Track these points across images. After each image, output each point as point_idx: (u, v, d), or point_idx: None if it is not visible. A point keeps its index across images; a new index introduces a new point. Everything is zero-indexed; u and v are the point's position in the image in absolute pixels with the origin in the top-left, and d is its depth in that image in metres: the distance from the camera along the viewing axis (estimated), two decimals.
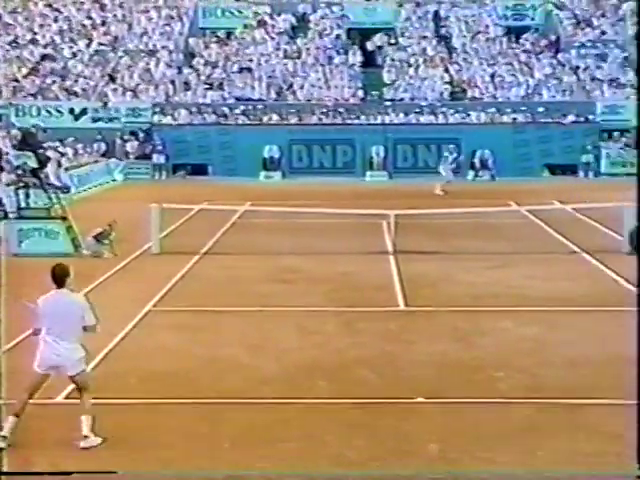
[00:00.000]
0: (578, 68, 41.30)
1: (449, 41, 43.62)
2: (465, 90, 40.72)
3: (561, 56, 42.02)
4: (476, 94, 40.47)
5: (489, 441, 9.31)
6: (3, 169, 25.85)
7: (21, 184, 21.17)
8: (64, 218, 20.27)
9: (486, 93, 40.47)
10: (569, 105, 38.81)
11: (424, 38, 43.55)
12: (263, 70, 41.68)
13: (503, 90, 40.50)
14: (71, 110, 39.00)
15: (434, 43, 43.30)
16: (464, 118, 38.98)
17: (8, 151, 27.54)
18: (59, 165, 31.78)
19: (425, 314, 14.81)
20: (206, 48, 43.39)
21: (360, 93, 40.86)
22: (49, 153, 29.49)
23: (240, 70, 41.76)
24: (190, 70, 41.88)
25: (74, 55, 42.50)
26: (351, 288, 16.64)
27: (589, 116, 38.51)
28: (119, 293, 16.13)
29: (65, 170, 32.17)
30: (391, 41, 43.49)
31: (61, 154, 34.18)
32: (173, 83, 41.06)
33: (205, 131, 38.26)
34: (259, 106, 39.71)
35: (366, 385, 11.14)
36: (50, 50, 42.75)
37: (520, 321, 14.22)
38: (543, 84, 40.48)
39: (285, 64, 42.08)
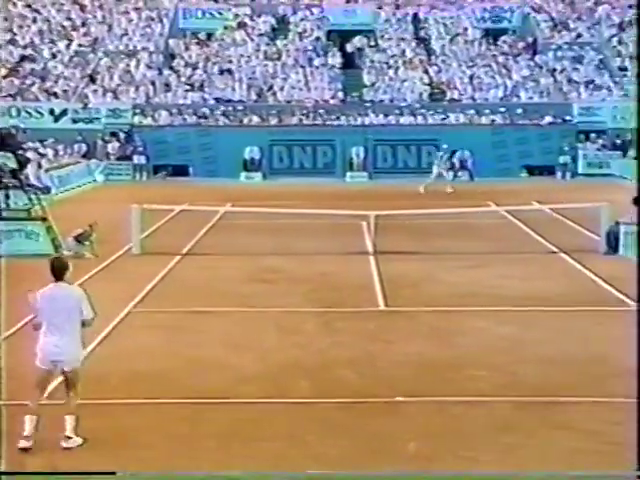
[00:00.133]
0: (555, 70, 41.58)
1: (428, 43, 43.74)
2: (444, 92, 40.88)
3: (538, 58, 42.26)
4: (455, 95, 40.66)
5: (470, 440, 9.39)
6: None
7: (1, 185, 21.09)
8: (44, 219, 20.24)
9: (465, 95, 40.66)
10: (546, 107, 39.03)
11: (403, 40, 43.71)
12: (243, 71, 41.69)
13: (481, 92, 40.71)
14: (51, 111, 38.86)
15: (413, 45, 43.46)
16: (443, 119, 39.15)
17: None
18: (39, 166, 31.69)
19: (405, 314, 14.90)
20: (186, 49, 43.36)
21: (340, 94, 40.95)
22: (29, 154, 29.43)
23: (220, 71, 41.77)
24: (170, 71, 41.83)
25: (54, 56, 42.35)
26: (332, 288, 16.71)
27: (566, 117, 38.77)
28: (100, 294, 15.91)
29: (45, 171, 32.05)
30: (371, 43, 43.58)
31: (41, 155, 34.07)
32: (153, 84, 41.00)
33: (186, 132, 38.22)
34: (239, 107, 39.74)
35: (347, 385, 11.20)
36: (30, 51, 42.56)
37: (498, 320, 14.33)
38: (521, 86, 40.72)
39: (265, 65, 42.11)
